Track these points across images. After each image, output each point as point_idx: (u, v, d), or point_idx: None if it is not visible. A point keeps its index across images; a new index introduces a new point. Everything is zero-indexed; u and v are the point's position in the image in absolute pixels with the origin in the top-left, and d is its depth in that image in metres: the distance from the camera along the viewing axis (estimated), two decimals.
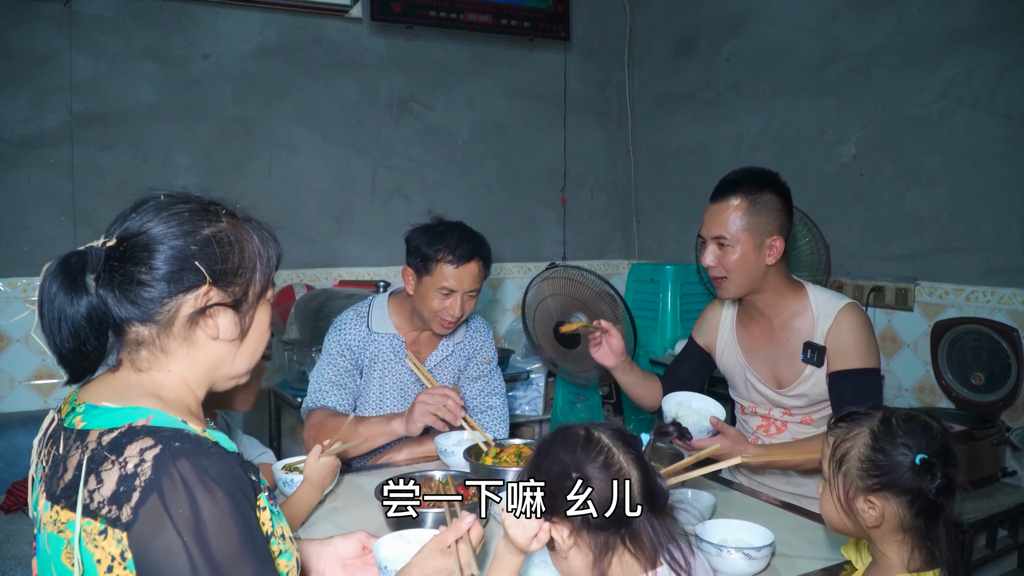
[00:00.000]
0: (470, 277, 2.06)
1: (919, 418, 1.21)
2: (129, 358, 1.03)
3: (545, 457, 1.11)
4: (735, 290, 1.91)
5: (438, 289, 2.05)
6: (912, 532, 1.19)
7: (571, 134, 4.20)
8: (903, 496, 1.17)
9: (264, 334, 1.12)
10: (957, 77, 2.72)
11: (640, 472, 1.08)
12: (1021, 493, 2.36)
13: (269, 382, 3.07)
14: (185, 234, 1.00)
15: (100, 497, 0.91)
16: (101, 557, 0.91)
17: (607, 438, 1.10)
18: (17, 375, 3.09)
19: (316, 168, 3.63)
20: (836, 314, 1.86)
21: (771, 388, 1.96)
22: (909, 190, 2.89)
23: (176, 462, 0.91)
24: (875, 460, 1.18)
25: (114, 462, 0.92)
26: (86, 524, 0.91)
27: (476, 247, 2.08)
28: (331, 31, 3.62)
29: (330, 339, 2.22)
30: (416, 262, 2.08)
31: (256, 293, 1.08)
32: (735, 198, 1.86)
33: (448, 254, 2.03)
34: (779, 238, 1.87)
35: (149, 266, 0.98)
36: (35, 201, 3.12)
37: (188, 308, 1.01)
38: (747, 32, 3.57)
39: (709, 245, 1.90)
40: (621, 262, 4.39)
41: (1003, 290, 2.62)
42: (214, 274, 1.01)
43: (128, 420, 0.96)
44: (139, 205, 1.02)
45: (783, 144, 3.40)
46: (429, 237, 2.07)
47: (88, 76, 3.17)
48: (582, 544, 1.08)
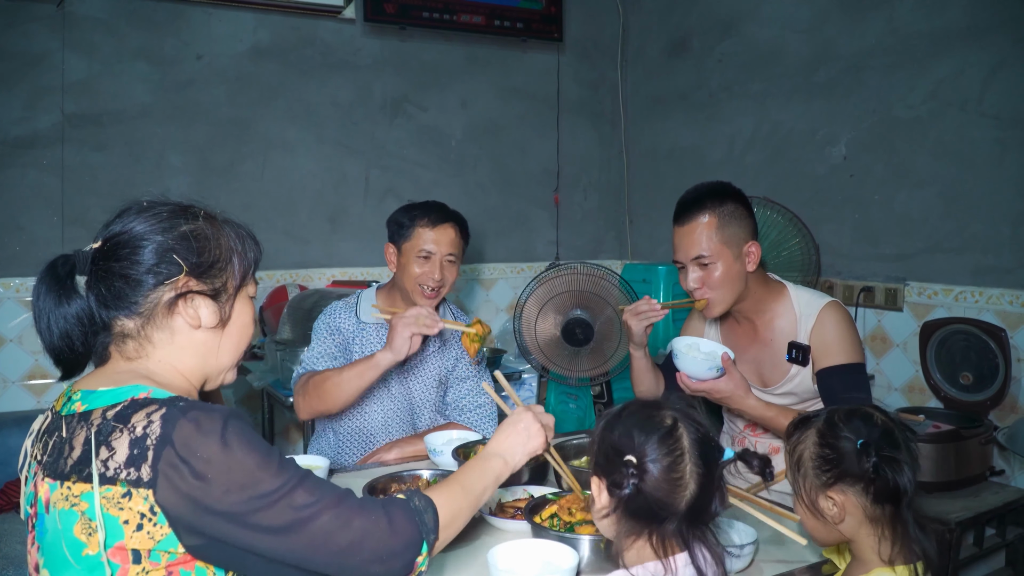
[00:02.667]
0: (447, 240, 2.14)
1: (860, 410, 1.25)
2: (118, 350, 1.09)
3: (623, 422, 1.13)
4: (722, 307, 1.90)
5: (417, 253, 2.12)
6: (878, 521, 1.21)
7: (564, 135, 4.22)
8: (856, 484, 1.19)
9: (246, 327, 1.17)
10: (947, 78, 2.74)
11: (698, 488, 1.08)
12: (1009, 492, 2.38)
13: (262, 382, 3.08)
14: (164, 230, 1.07)
15: (115, 464, 0.96)
16: (128, 518, 0.95)
17: (686, 442, 1.09)
18: (10, 375, 3.09)
19: (310, 168, 3.64)
20: (818, 312, 1.88)
21: (758, 388, 1.97)
22: (899, 191, 2.90)
23: (185, 415, 0.97)
24: (824, 455, 1.22)
25: (123, 430, 0.97)
26: (106, 491, 0.95)
27: (452, 214, 2.19)
28: (324, 32, 3.62)
29: (320, 323, 2.25)
30: (394, 231, 2.18)
31: (235, 285, 1.14)
32: (703, 215, 1.85)
33: (423, 217, 2.14)
34: (754, 243, 1.88)
35: (131, 261, 1.05)
36: (28, 201, 3.12)
37: (167, 298, 1.07)
38: (739, 33, 3.59)
39: (689, 268, 1.89)
40: (614, 262, 4.40)
41: (992, 290, 2.63)
42: (191, 266, 1.08)
43: (129, 395, 1.01)
44: (122, 211, 1.10)
45: (774, 145, 3.41)
46: (405, 208, 2.20)
47: (81, 77, 3.18)
48: (611, 511, 1.11)
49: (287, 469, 1.01)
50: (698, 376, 1.81)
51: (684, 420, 1.11)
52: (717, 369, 1.80)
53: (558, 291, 2.94)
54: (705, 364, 1.80)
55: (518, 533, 1.53)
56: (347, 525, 1.01)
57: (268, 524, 0.97)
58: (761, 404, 1.84)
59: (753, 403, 1.82)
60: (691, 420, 1.11)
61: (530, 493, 1.71)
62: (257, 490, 0.96)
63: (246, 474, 0.96)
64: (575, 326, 2.97)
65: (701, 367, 1.80)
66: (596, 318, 2.93)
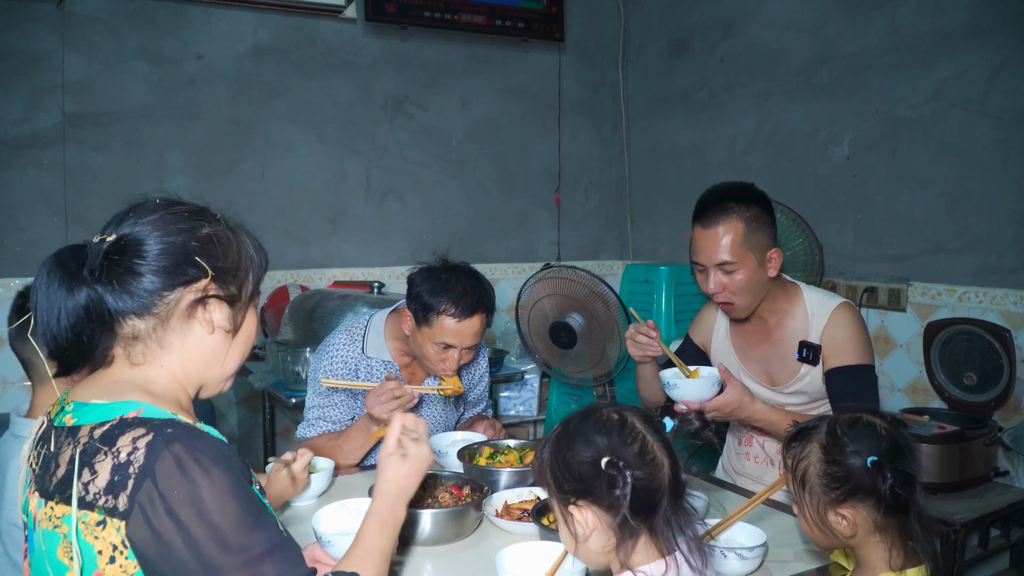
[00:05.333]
0: (471, 332, 1.95)
1: (861, 419, 1.21)
2: (124, 352, 1.04)
3: (575, 438, 1.09)
4: (745, 311, 1.89)
5: (436, 342, 1.95)
6: (887, 531, 1.19)
7: (565, 135, 4.21)
8: (868, 500, 1.17)
9: (252, 337, 1.15)
10: (949, 78, 2.73)
11: (670, 460, 1.08)
12: (1013, 493, 2.37)
13: (263, 383, 3.07)
14: (185, 231, 1.03)
15: (95, 488, 0.92)
16: (102, 548, 0.92)
17: (640, 423, 1.09)
18: (9, 376, 3.08)
19: (310, 168, 3.63)
20: (831, 313, 1.87)
21: (766, 387, 1.96)
22: (902, 191, 2.90)
23: (169, 446, 0.92)
24: (832, 473, 1.18)
25: (107, 453, 0.93)
26: (83, 516, 0.92)
27: (480, 299, 1.95)
28: (325, 32, 3.61)
29: (320, 366, 2.10)
30: (416, 308, 1.96)
31: (248, 293, 1.11)
32: (728, 219, 1.81)
33: (451, 307, 1.90)
34: (776, 249, 1.87)
35: (150, 259, 1.00)
36: (28, 202, 3.11)
37: (188, 301, 1.03)
38: (741, 33, 3.58)
39: (711, 272, 1.85)
40: (615, 263, 4.40)
41: (995, 291, 2.63)
42: (216, 270, 1.04)
43: (119, 413, 0.97)
44: (135, 207, 1.04)
45: (776, 145, 3.41)
46: (432, 285, 1.93)
47: (81, 76, 3.17)
48: (604, 527, 1.07)
49: (263, 530, 0.96)
50: (701, 397, 1.76)
51: (625, 409, 1.11)
52: (717, 383, 1.77)
53: (546, 293, 2.92)
54: (705, 384, 1.77)
55: (525, 535, 1.52)
56: None
57: None
58: (767, 408, 1.81)
59: (760, 407, 1.80)
60: (628, 408, 1.12)
61: (536, 495, 1.70)
62: (226, 545, 0.92)
63: (219, 525, 0.92)
64: (560, 330, 2.95)
65: (702, 387, 1.76)
66: (585, 323, 2.87)
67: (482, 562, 1.46)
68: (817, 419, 1.26)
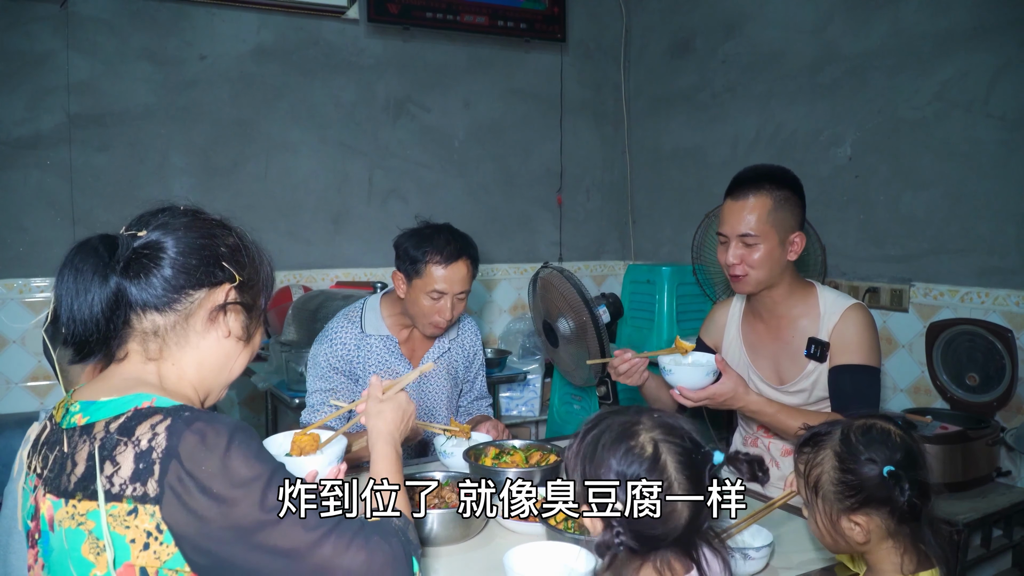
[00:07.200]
0: (459, 278, 2.08)
1: (875, 427, 1.20)
2: (141, 347, 1.06)
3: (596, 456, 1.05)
4: (753, 285, 1.91)
5: (428, 292, 2.07)
6: (899, 537, 1.19)
7: (567, 135, 4.21)
8: (883, 508, 1.16)
9: (256, 348, 1.19)
10: (952, 79, 2.74)
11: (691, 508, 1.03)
12: (1016, 493, 2.38)
13: (266, 383, 3.07)
14: (214, 236, 1.08)
15: (120, 479, 0.93)
16: (135, 536, 0.93)
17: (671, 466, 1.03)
18: (13, 376, 3.08)
19: (313, 169, 3.63)
20: (843, 312, 1.88)
21: (772, 386, 1.97)
22: (904, 192, 2.90)
23: (190, 427, 0.95)
24: (847, 481, 1.18)
25: (127, 443, 0.95)
26: (111, 508, 0.93)
27: (463, 247, 2.10)
28: (328, 32, 3.62)
29: (320, 351, 2.18)
30: (405, 266, 2.10)
31: (262, 303, 1.16)
32: (758, 194, 1.85)
33: (436, 255, 2.05)
34: (800, 234, 1.89)
35: (180, 256, 1.04)
36: (32, 202, 3.11)
37: (211, 302, 1.07)
38: (743, 34, 3.59)
39: (732, 243, 1.89)
40: (617, 263, 4.41)
41: (998, 291, 2.63)
42: (243, 276, 1.10)
43: (132, 405, 0.99)
44: (166, 208, 1.09)
45: (778, 146, 3.41)
46: (417, 240, 2.08)
47: (84, 77, 3.17)
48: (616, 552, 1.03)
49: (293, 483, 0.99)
50: (696, 384, 1.80)
51: (665, 438, 1.04)
52: (713, 372, 1.80)
53: (541, 292, 2.92)
54: (700, 371, 1.80)
55: (532, 536, 1.52)
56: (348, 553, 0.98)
57: (274, 545, 0.94)
58: (762, 400, 1.84)
59: (754, 399, 1.82)
60: (672, 434, 1.05)
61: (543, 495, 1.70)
62: (265, 503, 0.94)
63: (252, 489, 0.94)
64: (549, 330, 2.96)
65: (697, 375, 1.80)
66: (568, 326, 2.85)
67: (490, 562, 1.47)
68: (829, 424, 1.25)
